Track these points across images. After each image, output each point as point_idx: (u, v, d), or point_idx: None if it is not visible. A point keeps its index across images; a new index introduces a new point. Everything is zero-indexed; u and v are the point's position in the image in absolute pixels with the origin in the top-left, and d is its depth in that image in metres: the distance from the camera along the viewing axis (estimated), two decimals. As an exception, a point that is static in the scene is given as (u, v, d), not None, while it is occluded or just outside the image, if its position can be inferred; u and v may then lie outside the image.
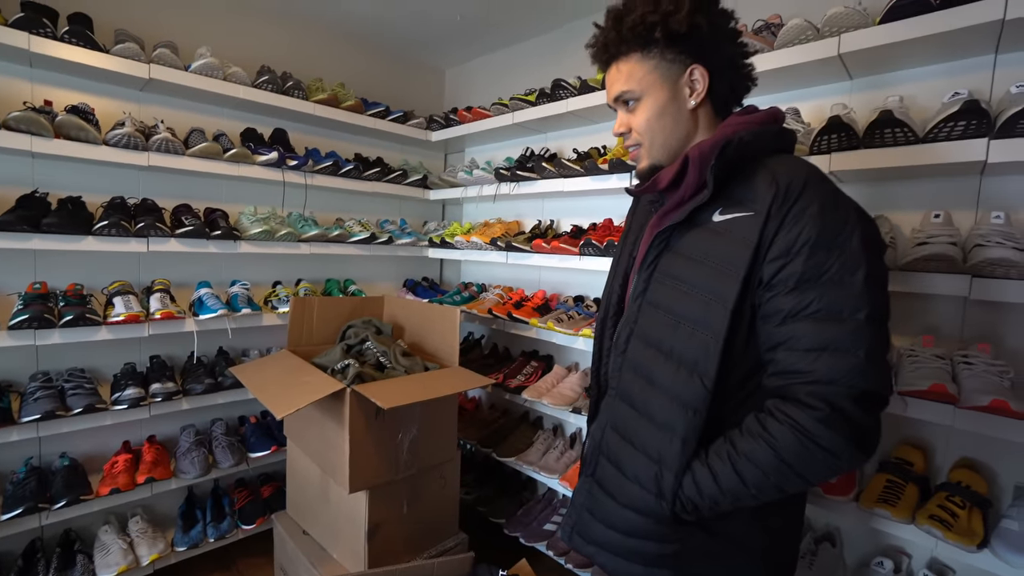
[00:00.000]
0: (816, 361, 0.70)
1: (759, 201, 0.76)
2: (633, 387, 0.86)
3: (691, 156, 0.81)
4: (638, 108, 0.87)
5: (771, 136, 0.83)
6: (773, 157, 0.81)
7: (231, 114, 2.22)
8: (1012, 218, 1.21)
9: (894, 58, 1.33)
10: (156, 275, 2.02)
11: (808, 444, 0.69)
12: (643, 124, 0.87)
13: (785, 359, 0.73)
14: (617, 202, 2.11)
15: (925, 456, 1.36)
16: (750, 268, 0.75)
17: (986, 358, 1.20)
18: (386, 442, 1.57)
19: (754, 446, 0.73)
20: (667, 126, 0.87)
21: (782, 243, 0.73)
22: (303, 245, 2.21)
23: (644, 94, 0.86)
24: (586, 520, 0.92)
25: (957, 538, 1.13)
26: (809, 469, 0.71)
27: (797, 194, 0.73)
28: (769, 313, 0.75)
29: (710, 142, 0.81)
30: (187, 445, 1.95)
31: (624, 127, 0.90)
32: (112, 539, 1.78)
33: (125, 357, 1.96)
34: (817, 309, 0.71)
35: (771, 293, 0.74)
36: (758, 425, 0.74)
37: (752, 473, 0.72)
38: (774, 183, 0.75)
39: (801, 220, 0.72)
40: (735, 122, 0.84)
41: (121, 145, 1.75)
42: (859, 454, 0.70)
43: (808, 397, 0.70)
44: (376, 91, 2.69)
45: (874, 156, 1.24)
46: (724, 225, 0.79)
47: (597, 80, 1.90)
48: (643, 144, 0.89)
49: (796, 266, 0.72)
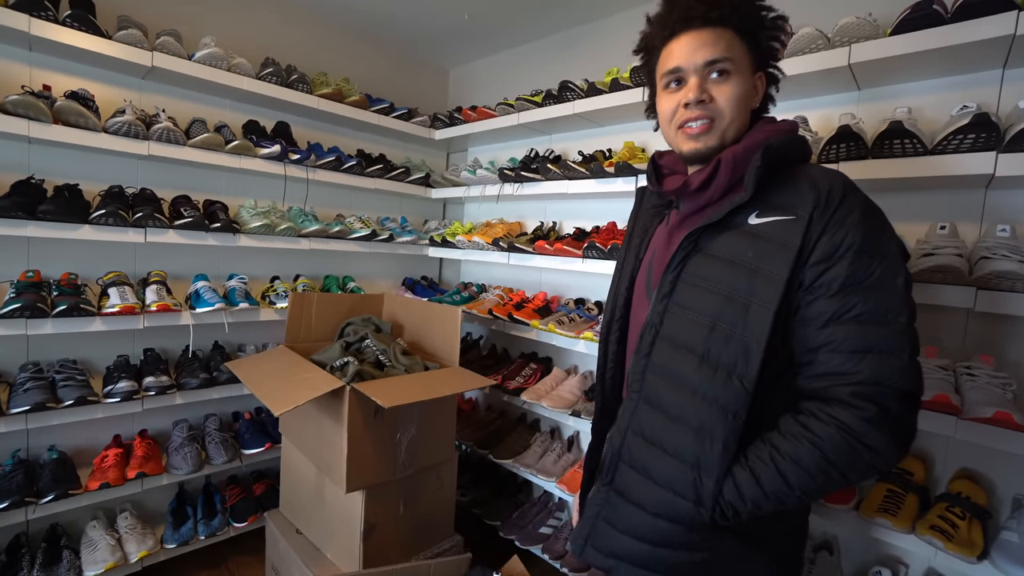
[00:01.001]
0: (861, 363, 0.71)
1: (801, 206, 0.76)
2: (660, 391, 0.84)
3: (724, 159, 0.82)
4: (727, 82, 0.83)
5: (800, 144, 0.84)
6: (803, 165, 0.82)
7: (234, 106, 2.20)
8: (1018, 231, 1.22)
9: (903, 70, 1.34)
10: (153, 267, 1.98)
11: (855, 444, 0.70)
12: (732, 99, 0.83)
13: (827, 361, 0.73)
14: (621, 205, 2.10)
15: (925, 466, 1.37)
16: (792, 271, 0.75)
17: (989, 370, 1.21)
18: (384, 441, 1.55)
19: (798, 447, 0.73)
20: (745, 112, 0.85)
21: (825, 247, 0.73)
22: (303, 240, 2.19)
23: (735, 72, 0.83)
24: (603, 531, 0.88)
25: (957, 549, 1.13)
26: (853, 468, 0.72)
27: (839, 201, 0.74)
28: (811, 316, 0.75)
29: (742, 146, 0.82)
30: (180, 440, 1.92)
31: (706, 95, 0.83)
32: (100, 535, 1.75)
33: (118, 349, 1.92)
34: (860, 312, 0.72)
35: (812, 296, 0.74)
36: (799, 427, 0.74)
37: (796, 474, 0.73)
38: (815, 188, 0.76)
39: (844, 226, 0.73)
40: (766, 129, 0.85)
41: (121, 133, 1.72)
42: (900, 452, 0.72)
43: (852, 398, 0.71)
44: (380, 87, 2.68)
45: (883, 166, 1.25)
46: (762, 228, 0.78)
47: (604, 83, 1.90)
48: (722, 120, 0.84)
49: (840, 270, 0.72)
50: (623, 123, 2.10)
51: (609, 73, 1.90)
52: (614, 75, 1.86)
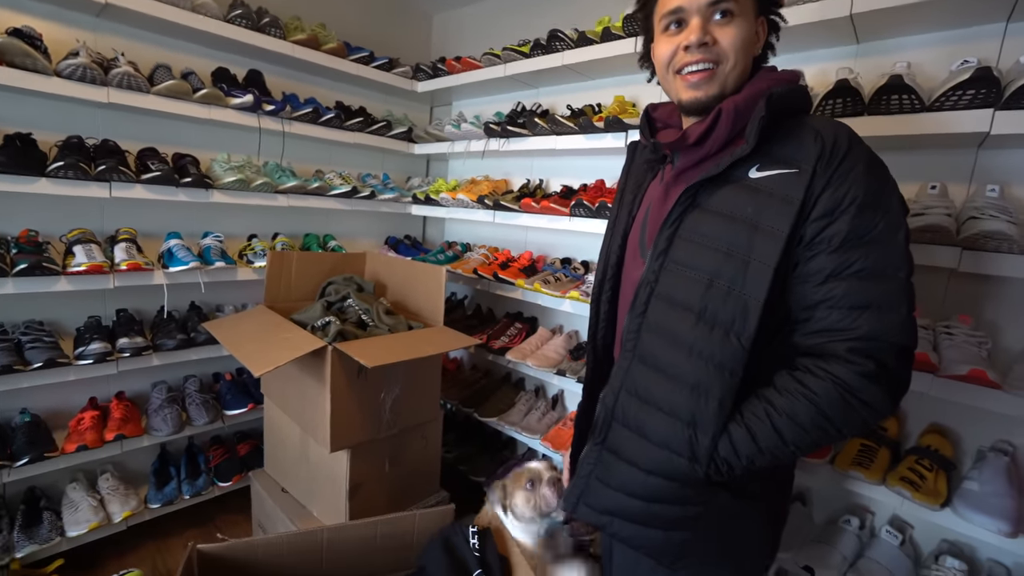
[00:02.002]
0: (859, 318, 0.71)
1: (804, 159, 0.74)
2: (656, 349, 0.82)
3: (725, 109, 0.78)
4: (731, 24, 0.79)
5: (802, 95, 0.81)
6: (805, 116, 0.79)
7: (201, 51, 2.05)
8: (1006, 192, 1.22)
9: (904, 22, 1.29)
10: (121, 223, 1.89)
11: (850, 399, 0.70)
12: (736, 43, 0.79)
13: (826, 317, 0.73)
14: (610, 162, 2.05)
15: (898, 422, 1.41)
16: (794, 227, 0.73)
17: (966, 329, 1.23)
18: (368, 401, 1.54)
19: (794, 403, 0.73)
20: (748, 56, 0.82)
21: (828, 202, 0.72)
22: (280, 197, 2.10)
23: (740, 15, 0.79)
24: (596, 489, 0.89)
25: (923, 498, 1.18)
26: (848, 423, 0.72)
27: (844, 153, 0.72)
28: (810, 272, 0.74)
29: (744, 96, 0.78)
30: (159, 402, 1.89)
31: (710, 37, 0.79)
32: (81, 496, 1.73)
33: (88, 310, 1.85)
34: (861, 268, 0.71)
35: (812, 252, 0.73)
36: (795, 383, 0.74)
37: (792, 430, 0.73)
38: (819, 140, 0.73)
39: (848, 179, 0.71)
40: (768, 78, 0.81)
41: (76, 77, 1.59)
42: (893, 406, 0.73)
43: (849, 353, 0.71)
44: (358, 35, 2.52)
45: (880, 123, 1.22)
46: (763, 182, 0.76)
47: (596, 33, 1.81)
48: (724, 65, 0.80)
49: (841, 225, 0.71)
50: (614, 76, 2.03)
51: (600, 22, 1.80)
52: (606, 24, 1.77)
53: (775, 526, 0.90)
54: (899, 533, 1.36)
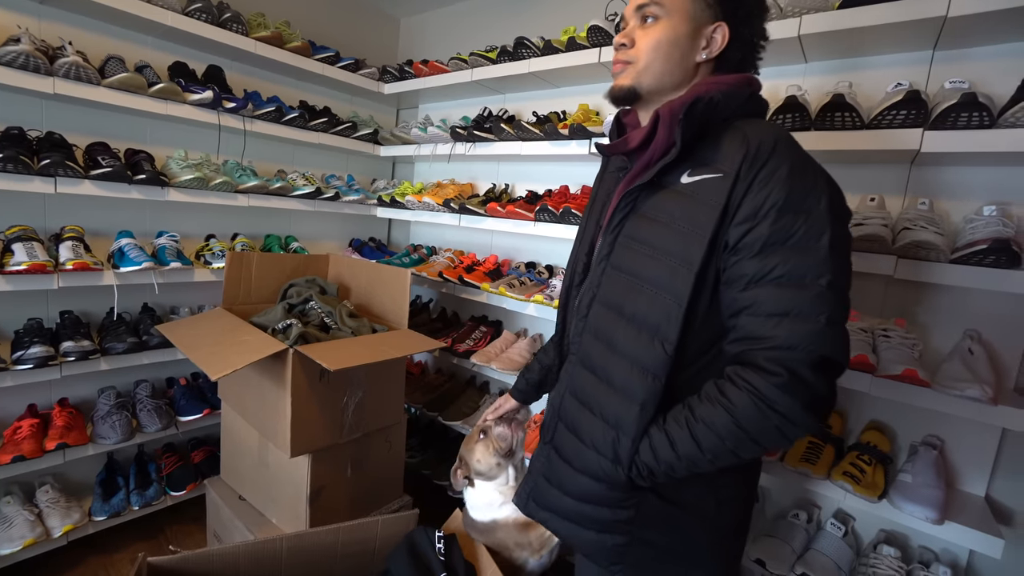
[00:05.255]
0: (777, 327, 0.69)
1: (728, 162, 0.74)
2: (593, 352, 0.84)
3: (662, 114, 0.79)
4: (654, 27, 0.82)
5: (742, 99, 0.80)
6: (744, 120, 0.79)
7: (157, 43, 1.98)
8: (935, 205, 1.32)
9: (848, 45, 1.38)
10: (66, 221, 1.79)
11: (765, 410, 0.69)
12: (650, 43, 0.82)
13: (747, 324, 0.72)
14: (574, 169, 2.10)
15: (842, 420, 1.50)
16: (716, 231, 0.73)
17: (901, 332, 1.32)
18: (330, 405, 1.52)
19: (712, 412, 0.72)
20: (671, 59, 0.82)
21: (749, 206, 0.71)
22: (240, 196, 2.04)
23: (668, 17, 0.81)
24: (542, 486, 0.92)
25: (863, 491, 1.26)
26: (764, 434, 0.70)
27: (767, 156, 0.72)
28: (733, 278, 0.73)
29: (680, 100, 0.79)
30: (106, 408, 1.80)
31: (628, 39, 0.84)
32: (16, 511, 1.63)
33: (28, 312, 1.75)
34: (781, 274, 0.70)
35: (736, 257, 0.73)
36: (716, 391, 0.73)
37: (708, 438, 0.72)
38: (745, 143, 0.73)
39: (770, 183, 0.71)
40: (707, 82, 0.82)
41: (17, 65, 1.50)
42: (813, 419, 0.69)
43: (767, 363, 0.69)
44: (323, 35, 2.48)
45: (824, 138, 1.30)
46: (692, 187, 0.77)
47: (561, 42, 1.85)
48: (637, 63, 0.83)
49: (762, 230, 0.70)
50: (579, 84, 2.07)
51: (566, 32, 1.85)
52: (571, 34, 1.81)
53: (727, 537, 0.87)
54: (842, 525, 1.44)
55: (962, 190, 1.33)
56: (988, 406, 1.11)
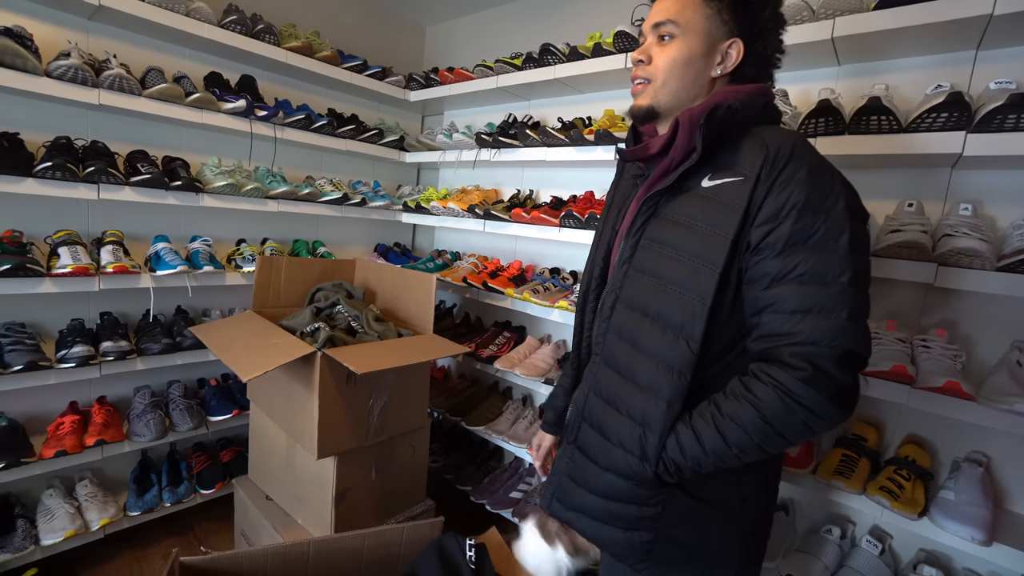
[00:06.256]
0: (800, 323, 0.71)
1: (748, 166, 0.77)
2: (618, 352, 0.87)
3: (681, 120, 0.82)
4: (670, 45, 0.85)
5: (759, 107, 0.83)
6: (761, 126, 0.82)
7: (193, 55, 2.05)
8: (978, 211, 1.27)
9: (882, 47, 1.34)
10: (108, 226, 1.87)
11: (791, 404, 0.71)
12: (667, 62, 0.85)
13: (770, 322, 0.74)
14: (600, 175, 2.09)
15: (878, 432, 1.45)
16: (739, 232, 0.76)
17: (942, 342, 1.27)
18: (356, 408, 1.54)
19: (738, 407, 0.74)
20: (687, 76, 0.85)
21: (770, 207, 0.74)
22: (271, 202, 2.09)
23: (684, 34, 0.84)
24: (567, 486, 0.93)
25: (902, 507, 1.21)
26: (790, 428, 0.72)
27: (786, 159, 0.75)
28: (756, 277, 0.76)
29: (699, 107, 0.82)
30: (141, 407, 1.86)
31: (645, 55, 0.87)
32: (58, 504, 1.69)
33: (72, 313, 1.82)
34: (802, 272, 0.72)
35: (758, 257, 0.75)
36: (742, 387, 0.75)
37: (735, 433, 0.74)
38: (764, 148, 0.76)
39: (789, 185, 0.73)
40: (724, 90, 0.85)
41: (67, 79, 1.58)
42: (839, 412, 0.72)
43: (792, 358, 0.71)
44: (351, 44, 2.54)
45: (859, 142, 1.26)
46: (713, 190, 0.80)
47: (587, 48, 1.85)
48: (655, 81, 0.86)
49: (784, 230, 0.73)
50: (604, 90, 2.07)
51: (592, 38, 1.85)
52: (597, 40, 1.81)
53: (748, 536, 0.89)
54: (879, 542, 1.38)
55: (1009, 195, 1.27)
56: (1039, 422, 1.06)
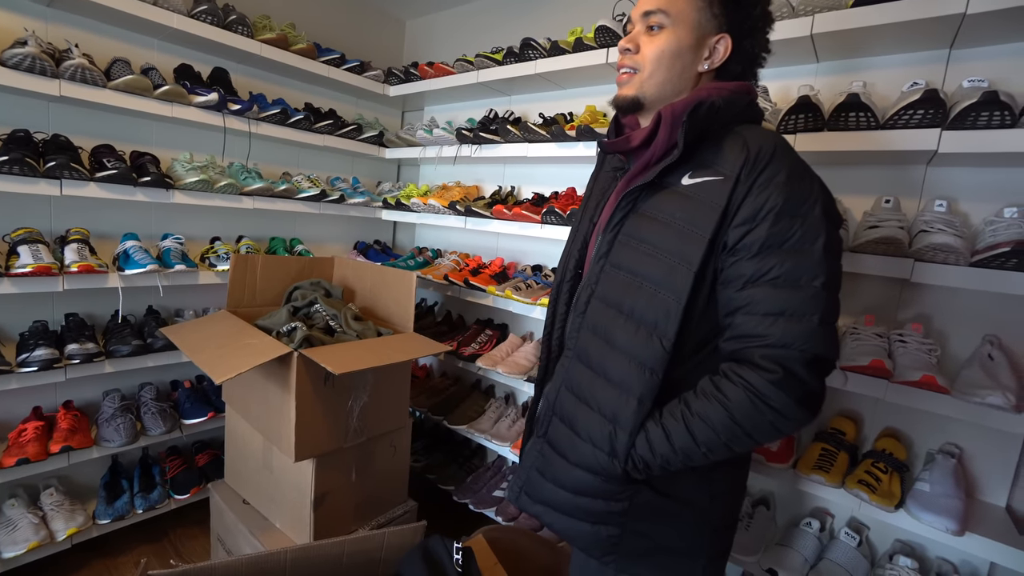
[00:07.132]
0: (772, 325, 0.72)
1: (729, 166, 0.76)
2: (591, 348, 0.86)
3: (664, 115, 0.81)
4: (659, 35, 0.84)
5: (742, 105, 0.83)
6: (743, 125, 0.81)
7: (163, 46, 1.98)
8: (953, 207, 1.29)
9: (860, 44, 1.35)
10: (72, 223, 1.79)
11: (760, 405, 0.71)
12: (655, 52, 0.84)
13: (743, 323, 0.75)
14: (581, 171, 2.07)
15: (856, 426, 1.47)
16: (716, 232, 0.76)
17: (918, 337, 1.29)
18: (335, 409, 1.50)
19: (707, 406, 0.74)
20: (674, 68, 0.84)
21: (749, 209, 0.74)
22: (245, 199, 2.03)
23: (674, 25, 0.83)
24: (535, 480, 0.93)
25: (879, 500, 1.22)
26: (758, 429, 0.73)
27: (766, 161, 0.75)
28: (731, 278, 0.76)
29: (683, 102, 0.81)
30: (111, 411, 1.79)
31: (633, 44, 0.86)
32: (20, 514, 1.62)
33: (34, 315, 1.74)
34: (777, 275, 0.73)
35: (735, 258, 0.75)
36: (712, 387, 0.76)
37: (704, 432, 0.74)
38: (745, 149, 0.76)
39: (768, 187, 0.74)
40: (709, 86, 0.85)
41: (23, 68, 1.50)
42: (805, 415, 0.73)
43: (763, 360, 0.72)
44: (330, 37, 2.48)
45: (838, 139, 1.27)
46: (693, 188, 0.79)
47: (568, 43, 1.83)
48: (642, 71, 0.86)
49: (760, 232, 0.73)
50: (586, 86, 2.05)
51: (573, 33, 1.83)
52: (578, 35, 1.79)
53: (718, 531, 0.89)
54: (856, 534, 1.41)
55: (982, 191, 1.29)
56: (1011, 414, 1.07)
